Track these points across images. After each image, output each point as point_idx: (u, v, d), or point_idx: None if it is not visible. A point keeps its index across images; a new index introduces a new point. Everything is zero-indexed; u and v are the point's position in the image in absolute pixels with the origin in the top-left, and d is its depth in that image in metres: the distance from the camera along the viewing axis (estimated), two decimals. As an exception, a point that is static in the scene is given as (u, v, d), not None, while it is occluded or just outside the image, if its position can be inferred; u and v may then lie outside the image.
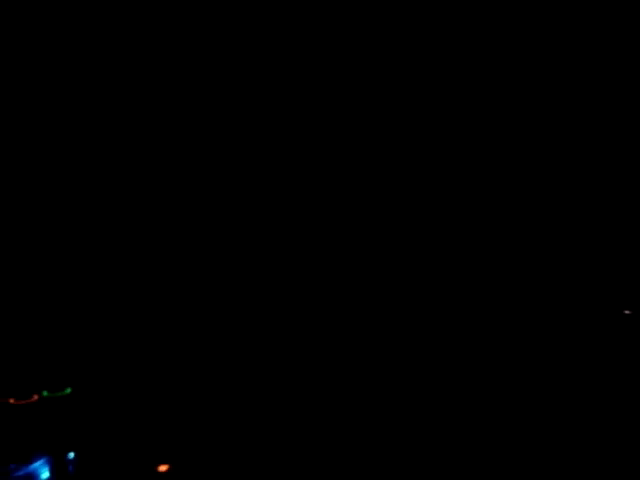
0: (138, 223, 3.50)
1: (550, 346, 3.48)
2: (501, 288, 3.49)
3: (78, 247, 3.56)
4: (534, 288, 3.47)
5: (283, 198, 3.42)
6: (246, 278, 3.55)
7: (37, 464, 3.31)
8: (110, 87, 3.31)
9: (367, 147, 3.44)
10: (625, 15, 3.23)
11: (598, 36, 3.27)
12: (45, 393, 3.47)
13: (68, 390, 3.51)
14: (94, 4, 3.16)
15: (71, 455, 3.35)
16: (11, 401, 3.42)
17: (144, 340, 3.76)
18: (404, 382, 3.57)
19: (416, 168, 3.46)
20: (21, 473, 3.26)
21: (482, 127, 3.41)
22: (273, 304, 3.59)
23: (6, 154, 3.26)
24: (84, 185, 3.41)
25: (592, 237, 3.39)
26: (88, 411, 3.55)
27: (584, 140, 3.38)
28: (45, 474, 3.29)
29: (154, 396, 3.70)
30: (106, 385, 3.68)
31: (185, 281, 3.62)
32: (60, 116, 3.29)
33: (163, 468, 3.37)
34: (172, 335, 3.75)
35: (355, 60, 3.34)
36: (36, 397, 3.46)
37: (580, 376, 3.43)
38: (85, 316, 3.72)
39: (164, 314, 3.73)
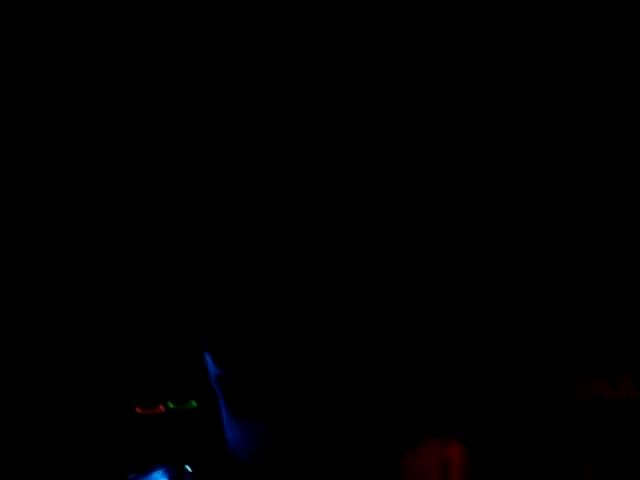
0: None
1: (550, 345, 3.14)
2: (501, 288, 3.20)
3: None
4: (534, 288, 3.18)
5: (284, 198, 3.31)
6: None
7: (155, 475, 3.21)
8: (110, 87, 3.37)
9: (367, 147, 3.30)
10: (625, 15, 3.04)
11: (598, 36, 3.08)
12: (171, 404, 3.40)
13: (194, 403, 3.41)
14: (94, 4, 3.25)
15: (188, 468, 3.22)
16: (138, 410, 3.38)
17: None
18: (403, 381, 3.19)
19: (417, 168, 3.26)
20: (139, 482, 3.19)
21: (482, 127, 3.22)
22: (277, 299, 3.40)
23: (6, 154, 3.36)
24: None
25: (592, 237, 3.13)
26: (209, 425, 3.42)
27: (584, 140, 3.14)
28: (162, 485, 3.19)
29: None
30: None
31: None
32: (60, 115, 3.37)
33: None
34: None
35: (355, 60, 3.26)
36: (162, 408, 3.39)
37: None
38: (214, 335, 3.66)
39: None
